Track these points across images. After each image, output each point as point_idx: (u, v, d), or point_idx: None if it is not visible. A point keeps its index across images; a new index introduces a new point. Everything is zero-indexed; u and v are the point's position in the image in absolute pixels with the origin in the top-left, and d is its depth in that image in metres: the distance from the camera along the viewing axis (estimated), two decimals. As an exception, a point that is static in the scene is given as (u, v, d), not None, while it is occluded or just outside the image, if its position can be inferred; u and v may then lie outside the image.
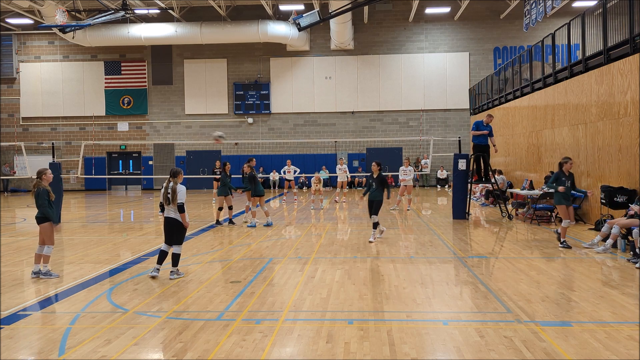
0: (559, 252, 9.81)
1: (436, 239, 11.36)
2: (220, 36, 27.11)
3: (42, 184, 8.21)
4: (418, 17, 28.19)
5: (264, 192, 13.74)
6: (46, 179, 8.29)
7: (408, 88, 28.64)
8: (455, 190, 14.82)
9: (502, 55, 28.27)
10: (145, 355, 5.06)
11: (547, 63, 16.25)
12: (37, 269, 8.23)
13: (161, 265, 8.14)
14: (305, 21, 17.45)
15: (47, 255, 8.23)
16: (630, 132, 10.73)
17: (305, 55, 29.02)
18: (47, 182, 8.30)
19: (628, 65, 10.85)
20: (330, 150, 28.88)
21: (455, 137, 17.02)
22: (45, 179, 8.27)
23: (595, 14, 12.72)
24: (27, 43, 30.29)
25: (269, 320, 5.96)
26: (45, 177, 8.29)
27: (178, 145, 29.66)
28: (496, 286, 7.29)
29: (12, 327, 5.93)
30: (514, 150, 19.81)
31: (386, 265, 8.75)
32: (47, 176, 8.32)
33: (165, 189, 8.09)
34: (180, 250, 8.17)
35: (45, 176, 8.30)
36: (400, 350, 5.02)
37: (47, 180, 8.30)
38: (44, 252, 8.21)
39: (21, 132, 30.26)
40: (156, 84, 29.83)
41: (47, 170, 8.41)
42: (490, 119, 14.61)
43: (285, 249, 10.53)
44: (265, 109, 29.14)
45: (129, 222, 15.97)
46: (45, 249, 8.21)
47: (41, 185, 8.20)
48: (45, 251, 8.21)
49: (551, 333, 5.40)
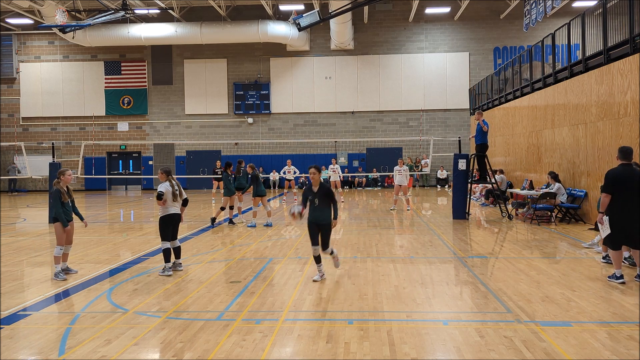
0: (559, 252, 9.80)
1: (436, 239, 11.36)
2: (220, 36, 27.11)
3: (59, 184, 8.21)
4: (418, 17, 28.18)
5: (265, 192, 13.74)
6: (64, 180, 8.29)
7: (408, 88, 28.64)
8: (455, 190, 14.83)
9: (502, 55, 28.26)
10: (145, 355, 5.06)
11: (547, 63, 16.24)
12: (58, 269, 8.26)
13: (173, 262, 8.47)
14: (305, 21, 17.45)
15: (56, 256, 8.25)
16: (630, 132, 10.73)
17: (305, 55, 29.02)
18: (65, 183, 8.29)
19: (628, 65, 10.85)
20: (330, 150, 28.87)
21: (455, 137, 17.01)
22: (63, 180, 8.28)
23: (595, 14, 12.72)
24: (27, 43, 30.28)
25: (269, 320, 5.96)
26: (63, 178, 8.29)
27: (178, 145, 29.65)
28: (496, 286, 7.28)
29: (12, 327, 5.93)
30: (514, 150, 19.81)
31: (386, 265, 8.74)
32: (66, 177, 8.31)
33: (172, 186, 8.20)
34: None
35: (64, 177, 8.30)
36: (400, 350, 5.02)
37: (65, 181, 8.29)
38: (54, 252, 8.25)
39: (21, 132, 30.25)
40: (156, 84, 29.82)
41: (67, 170, 8.41)
42: (480, 116, 14.67)
43: (285, 249, 10.52)
44: (265, 109, 29.13)
45: (129, 222, 15.97)
46: (55, 250, 8.25)
47: (57, 185, 8.21)
48: (55, 252, 8.25)
49: (551, 333, 5.40)
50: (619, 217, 7.16)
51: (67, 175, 8.33)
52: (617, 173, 7.23)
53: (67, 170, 8.42)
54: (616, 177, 7.20)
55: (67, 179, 8.30)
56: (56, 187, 8.19)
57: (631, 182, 7.12)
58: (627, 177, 7.15)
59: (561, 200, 13.32)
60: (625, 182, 7.13)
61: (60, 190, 8.19)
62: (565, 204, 13.33)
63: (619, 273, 7.32)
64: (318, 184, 7.69)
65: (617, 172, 7.23)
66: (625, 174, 7.18)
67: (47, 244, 11.60)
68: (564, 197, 13.34)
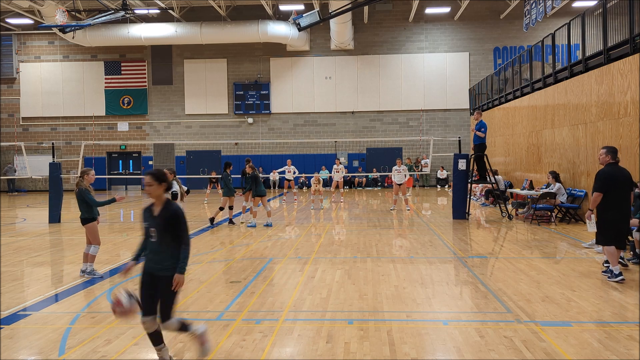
0: (559, 252, 9.80)
1: (436, 239, 11.36)
2: (220, 36, 27.12)
3: (83, 183, 8.24)
4: (418, 17, 28.18)
5: (265, 192, 13.74)
6: (88, 179, 8.31)
7: (408, 88, 28.64)
8: (455, 190, 14.83)
9: (502, 55, 28.26)
10: (145, 355, 5.05)
11: (547, 63, 16.24)
12: (85, 268, 8.31)
13: None
14: (305, 21, 17.46)
15: (92, 255, 8.27)
16: (630, 132, 10.73)
17: (305, 55, 29.02)
18: (88, 182, 8.33)
19: (628, 65, 10.85)
20: (330, 150, 28.87)
21: (455, 137, 17.01)
22: (87, 179, 8.30)
23: (595, 14, 12.71)
24: (27, 43, 30.28)
25: (269, 320, 5.96)
26: (87, 177, 8.31)
27: (178, 145, 29.66)
28: (496, 286, 7.29)
29: (12, 327, 5.93)
30: (514, 150, 19.80)
31: (386, 265, 8.74)
32: (90, 177, 8.34)
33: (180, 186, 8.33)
34: None
35: (88, 176, 8.32)
36: (400, 350, 5.02)
37: (89, 180, 8.33)
38: (90, 251, 8.27)
39: (21, 132, 30.25)
40: (156, 84, 29.83)
41: (91, 170, 8.45)
42: (479, 116, 14.81)
43: (285, 249, 10.52)
44: (265, 109, 29.14)
45: (128, 222, 15.96)
46: (92, 249, 8.27)
47: (82, 184, 8.23)
48: (91, 251, 8.27)
49: (551, 333, 5.40)
50: (610, 215, 7.37)
51: (91, 175, 8.40)
52: (608, 172, 7.44)
53: (91, 170, 8.47)
54: (608, 176, 7.39)
55: (90, 178, 8.37)
56: (81, 186, 8.21)
57: (622, 181, 7.39)
58: (617, 176, 7.41)
59: (561, 200, 13.32)
60: (617, 181, 7.36)
61: (89, 189, 8.26)
62: (565, 204, 13.33)
63: (617, 270, 7.35)
64: (162, 203, 4.58)
65: (608, 172, 7.44)
66: (615, 173, 7.43)
67: (47, 244, 11.60)
68: (564, 197, 13.34)
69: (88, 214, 8.25)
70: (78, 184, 8.25)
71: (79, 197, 8.14)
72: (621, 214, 7.38)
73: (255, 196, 13.64)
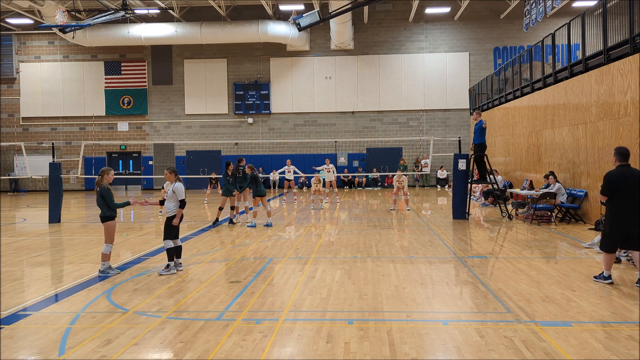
0: (559, 252, 9.80)
1: (436, 239, 11.35)
2: (220, 36, 27.11)
3: (102, 182, 8.31)
4: (418, 17, 28.18)
5: (265, 192, 13.74)
6: (107, 178, 8.39)
7: (408, 88, 28.64)
8: (455, 190, 14.83)
9: (502, 55, 28.26)
10: (145, 355, 5.05)
11: (547, 63, 16.24)
12: (101, 267, 8.39)
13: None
14: (305, 21, 17.44)
15: (104, 253, 8.34)
16: (630, 132, 10.73)
17: (305, 55, 29.02)
18: (107, 181, 8.40)
19: (628, 65, 10.85)
20: (331, 150, 28.87)
21: (455, 137, 17.01)
22: (106, 179, 8.38)
23: (595, 14, 12.71)
24: (27, 43, 30.27)
25: (269, 320, 5.96)
26: (107, 177, 8.39)
27: (178, 145, 29.66)
28: (496, 286, 7.28)
29: (12, 327, 5.93)
30: (514, 150, 19.80)
31: (386, 265, 8.74)
32: (109, 176, 8.42)
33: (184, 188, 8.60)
34: None
35: (107, 176, 8.41)
36: (400, 350, 5.02)
37: (108, 180, 8.40)
38: (102, 250, 8.36)
39: (21, 132, 30.25)
40: (156, 84, 29.83)
41: (111, 170, 8.53)
42: (479, 116, 14.90)
43: (285, 249, 10.52)
44: (265, 109, 29.13)
45: (128, 222, 15.96)
46: (104, 247, 8.35)
47: (102, 183, 8.30)
48: (103, 249, 8.35)
49: (551, 333, 5.40)
50: (620, 219, 7.10)
51: (111, 174, 8.47)
52: (616, 174, 7.15)
53: (110, 169, 8.54)
54: (616, 178, 7.12)
55: (109, 177, 8.44)
56: (102, 185, 8.29)
57: (632, 183, 7.03)
58: (626, 178, 7.08)
59: (561, 200, 13.32)
60: (626, 183, 7.05)
61: (109, 188, 8.33)
62: (565, 204, 13.33)
63: (607, 274, 7.32)
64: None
65: (617, 174, 7.16)
66: (625, 175, 7.11)
67: (47, 244, 11.60)
68: (564, 197, 13.34)
69: (108, 212, 8.35)
70: (98, 182, 8.35)
71: (99, 195, 8.23)
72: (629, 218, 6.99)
73: (256, 196, 13.64)
